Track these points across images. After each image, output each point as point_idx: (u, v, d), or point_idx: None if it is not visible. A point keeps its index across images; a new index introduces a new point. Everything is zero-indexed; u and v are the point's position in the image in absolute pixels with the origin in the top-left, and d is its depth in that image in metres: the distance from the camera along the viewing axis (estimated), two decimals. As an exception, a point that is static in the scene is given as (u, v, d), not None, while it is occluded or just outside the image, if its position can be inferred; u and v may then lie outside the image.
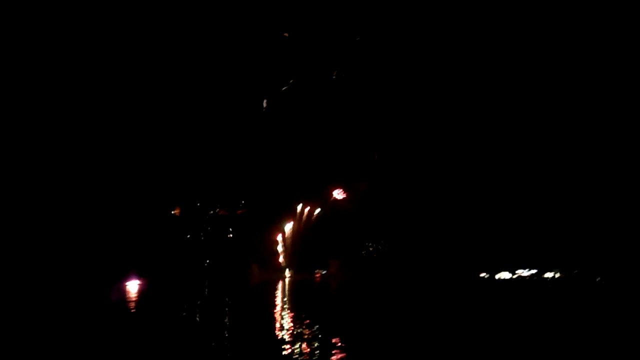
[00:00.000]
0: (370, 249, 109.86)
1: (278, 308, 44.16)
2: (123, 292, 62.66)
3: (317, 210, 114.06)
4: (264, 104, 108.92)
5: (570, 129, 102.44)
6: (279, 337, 27.70)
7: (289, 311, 41.80)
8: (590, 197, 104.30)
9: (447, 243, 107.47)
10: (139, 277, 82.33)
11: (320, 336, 28.32)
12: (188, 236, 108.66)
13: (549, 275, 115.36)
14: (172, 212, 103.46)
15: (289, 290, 75.25)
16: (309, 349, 24.54)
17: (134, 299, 54.08)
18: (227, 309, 44.08)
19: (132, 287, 72.49)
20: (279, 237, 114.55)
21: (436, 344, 27.57)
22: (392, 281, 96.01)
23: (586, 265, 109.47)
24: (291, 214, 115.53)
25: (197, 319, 37.03)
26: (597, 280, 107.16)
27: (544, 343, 27.58)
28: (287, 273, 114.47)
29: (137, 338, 28.11)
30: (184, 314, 40.09)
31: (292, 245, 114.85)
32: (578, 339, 30.03)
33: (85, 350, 24.28)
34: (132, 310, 42.48)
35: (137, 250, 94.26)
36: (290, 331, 29.59)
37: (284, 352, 23.39)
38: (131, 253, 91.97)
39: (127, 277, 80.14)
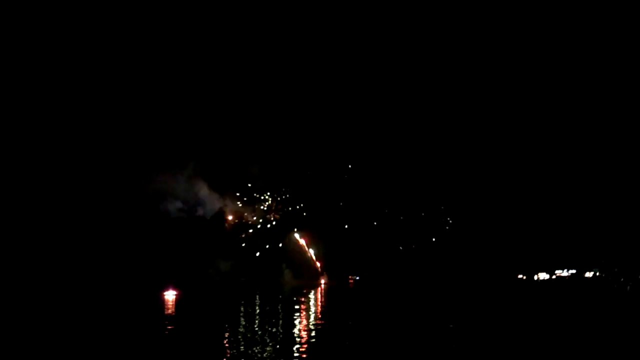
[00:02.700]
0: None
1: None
2: (161, 301, 63.78)
3: None
4: None
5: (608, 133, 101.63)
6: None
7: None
8: (624, 196, 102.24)
9: (484, 245, 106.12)
10: (175, 287, 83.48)
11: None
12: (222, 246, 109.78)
13: (589, 274, 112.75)
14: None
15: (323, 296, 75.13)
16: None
17: (171, 309, 55.01)
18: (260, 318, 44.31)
19: (169, 297, 73.63)
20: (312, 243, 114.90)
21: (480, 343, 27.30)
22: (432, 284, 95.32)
23: (626, 263, 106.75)
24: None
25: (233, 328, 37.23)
26: (639, 278, 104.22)
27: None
28: (322, 279, 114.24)
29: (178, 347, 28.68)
30: (223, 324, 40.57)
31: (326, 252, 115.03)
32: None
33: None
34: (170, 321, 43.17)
35: (174, 261, 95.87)
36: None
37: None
38: (168, 264, 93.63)
39: (165, 288, 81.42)
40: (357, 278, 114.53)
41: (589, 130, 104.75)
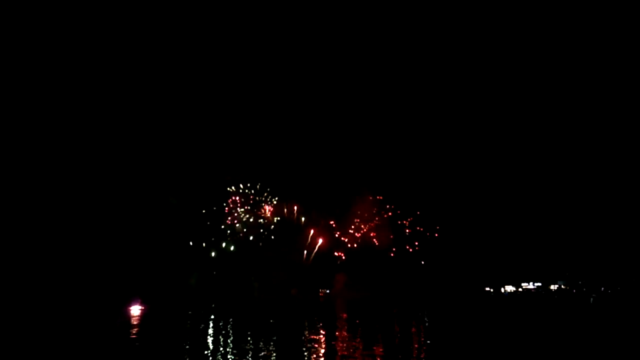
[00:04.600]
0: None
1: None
2: (126, 316, 62.11)
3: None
4: None
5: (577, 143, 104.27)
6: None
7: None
8: (592, 208, 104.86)
9: (451, 258, 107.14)
10: (141, 302, 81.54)
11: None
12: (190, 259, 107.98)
13: (554, 287, 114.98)
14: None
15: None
16: None
17: (136, 323, 53.66)
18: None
19: (135, 311, 71.71)
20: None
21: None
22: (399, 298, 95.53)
23: (591, 276, 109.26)
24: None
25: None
26: (601, 289, 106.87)
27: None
28: (292, 292, 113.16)
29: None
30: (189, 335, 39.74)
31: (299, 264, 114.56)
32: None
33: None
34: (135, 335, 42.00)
35: (140, 276, 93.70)
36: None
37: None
38: (134, 279, 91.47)
39: (130, 303, 79.39)
40: (327, 292, 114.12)
41: (555, 146, 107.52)
